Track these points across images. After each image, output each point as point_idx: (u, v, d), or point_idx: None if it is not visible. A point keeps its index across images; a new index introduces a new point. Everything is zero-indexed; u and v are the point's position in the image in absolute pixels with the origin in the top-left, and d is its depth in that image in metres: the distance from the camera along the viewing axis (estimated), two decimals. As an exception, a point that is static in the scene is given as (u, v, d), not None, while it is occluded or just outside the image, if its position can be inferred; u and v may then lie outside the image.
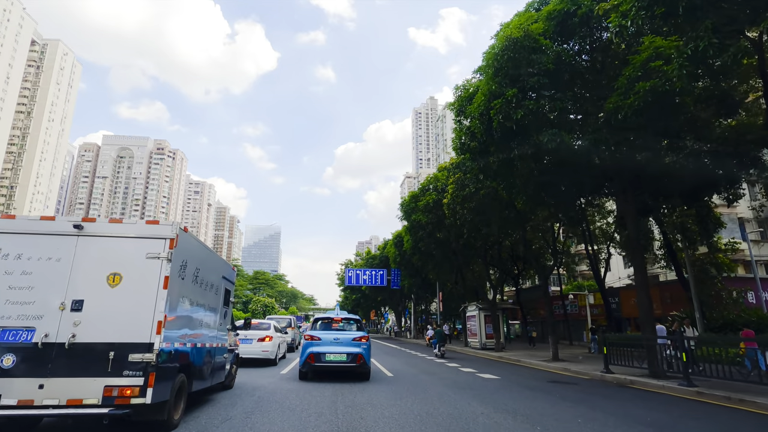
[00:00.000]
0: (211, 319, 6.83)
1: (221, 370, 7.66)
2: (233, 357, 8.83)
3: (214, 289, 6.89)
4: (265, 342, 13.56)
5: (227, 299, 7.87)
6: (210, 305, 6.68)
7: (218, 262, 7.26)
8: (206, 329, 6.53)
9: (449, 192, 18.43)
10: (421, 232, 24.10)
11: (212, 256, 6.89)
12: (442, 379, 11.47)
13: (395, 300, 59.99)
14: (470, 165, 14.67)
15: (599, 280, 27.97)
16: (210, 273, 6.63)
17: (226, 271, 7.72)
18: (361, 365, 10.14)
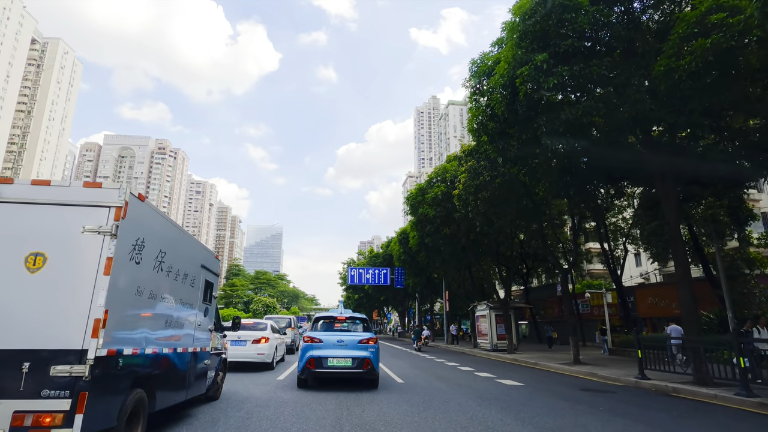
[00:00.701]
0: (187, 318, 5.51)
1: (201, 379, 6.33)
2: (219, 363, 7.50)
3: (190, 280, 5.56)
4: (261, 344, 12.28)
5: (209, 294, 6.53)
6: (184, 300, 5.36)
7: (195, 248, 5.92)
8: (178, 330, 5.21)
9: (461, 182, 17.06)
10: (428, 227, 22.69)
11: (186, 239, 5.56)
12: (460, 386, 10.12)
13: (399, 299, 58.63)
14: (488, 149, 13.31)
15: (616, 278, 26.54)
16: (183, 260, 5.31)
17: (206, 260, 6.37)
18: (368, 371, 8.81)
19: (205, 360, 6.42)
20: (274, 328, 14.10)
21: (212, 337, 6.94)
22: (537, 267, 38.30)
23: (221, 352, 7.80)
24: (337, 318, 9.84)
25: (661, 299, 27.57)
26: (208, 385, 6.85)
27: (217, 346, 7.42)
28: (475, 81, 12.47)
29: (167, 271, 4.75)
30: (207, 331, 6.51)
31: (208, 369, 6.66)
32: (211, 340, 6.86)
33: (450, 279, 36.26)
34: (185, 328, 5.44)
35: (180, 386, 5.33)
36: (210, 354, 6.76)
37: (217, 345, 7.50)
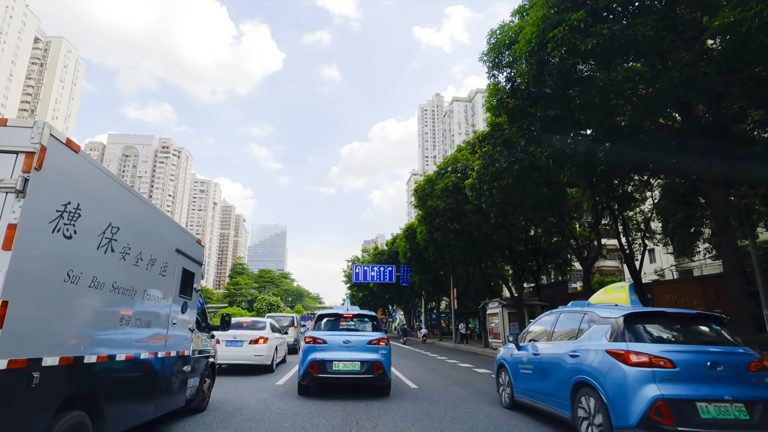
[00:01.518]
0: (155, 314, 4.39)
1: (179, 389, 5.21)
2: (205, 368, 6.36)
3: (159, 267, 4.43)
4: (259, 344, 11.18)
5: (189, 285, 5.38)
6: (150, 292, 4.24)
7: (167, 227, 4.76)
8: (142, 330, 4.09)
9: (474, 169, 15.86)
10: (437, 220, 21.50)
11: (154, 216, 4.41)
12: (479, 391, 8.96)
13: (404, 297, 57.53)
14: (507, 130, 12.10)
15: (635, 274, 25.24)
16: (149, 241, 4.19)
17: (184, 243, 5.20)
18: (379, 376, 7.66)
19: (185, 366, 5.28)
20: (274, 326, 13.00)
21: (194, 338, 5.80)
22: (548, 263, 37.05)
23: (208, 355, 6.65)
24: (343, 316, 8.66)
25: (682, 296, 26.24)
26: (190, 395, 5.73)
27: (202, 349, 6.29)
28: (493, 55, 11.25)
29: (122, 253, 3.61)
30: (186, 331, 5.34)
31: (189, 376, 5.50)
32: (193, 342, 5.71)
33: (458, 276, 35.07)
34: (153, 327, 4.30)
35: (145, 401, 4.21)
36: (191, 358, 5.61)
37: (202, 347, 6.34)
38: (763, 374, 4.39)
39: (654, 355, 4.33)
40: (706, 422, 4.02)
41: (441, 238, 23.36)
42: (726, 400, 4.13)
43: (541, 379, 5.81)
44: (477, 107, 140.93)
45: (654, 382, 4.19)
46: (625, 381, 4.29)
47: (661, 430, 4.01)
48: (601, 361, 4.63)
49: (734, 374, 4.33)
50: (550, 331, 6.11)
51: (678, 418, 4.01)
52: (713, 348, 4.52)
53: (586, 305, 5.97)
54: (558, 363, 5.40)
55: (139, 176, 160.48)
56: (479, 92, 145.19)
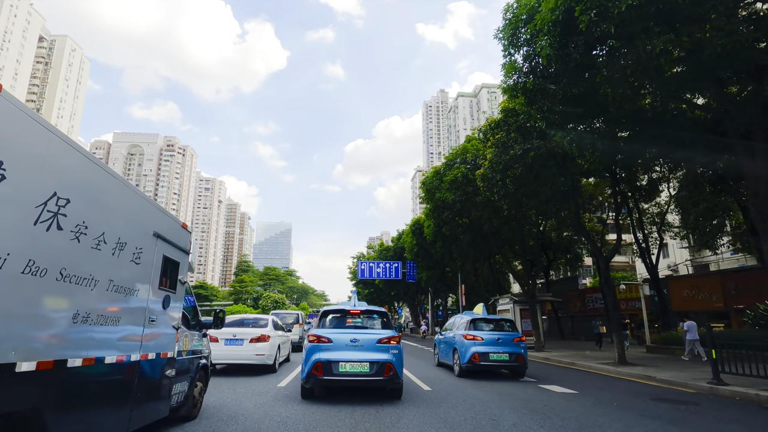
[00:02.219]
0: (126, 309, 3.67)
1: (162, 396, 4.51)
2: (195, 371, 5.64)
3: (130, 253, 3.69)
4: (260, 343, 10.57)
5: (171, 276, 4.65)
6: (118, 282, 3.51)
7: (139, 204, 3.99)
8: (107, 328, 3.37)
9: (487, 158, 15.03)
10: (446, 213, 20.67)
11: (120, 188, 3.64)
12: (501, 395, 8.20)
13: (410, 294, 56.87)
14: (522, 116, 11.29)
15: (651, 269, 24.33)
16: (114, 219, 3.47)
17: (164, 227, 4.45)
18: (390, 378, 6.98)
19: (168, 370, 4.57)
20: (276, 324, 12.33)
21: (181, 337, 5.10)
22: (558, 259, 36.13)
23: (200, 356, 5.92)
24: (350, 312, 7.95)
25: (699, 291, 25.24)
26: (177, 402, 5.02)
27: (191, 349, 5.58)
28: (509, 31, 10.41)
29: (75, 233, 2.88)
30: (170, 329, 4.62)
31: (175, 381, 4.80)
32: (180, 342, 5.01)
33: (466, 272, 34.30)
34: (122, 324, 3.58)
35: (113, 413, 3.49)
36: (177, 361, 4.91)
37: (193, 347, 5.61)
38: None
39: (475, 335, 10.83)
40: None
41: (449, 232, 22.55)
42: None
43: (444, 350, 12.64)
44: (482, 102, 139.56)
45: (474, 345, 10.66)
46: (465, 345, 10.81)
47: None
48: (460, 337, 11.18)
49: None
50: (450, 325, 13.22)
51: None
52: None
53: (466, 314, 12.88)
54: (449, 341, 12.22)
55: (144, 174, 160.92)
56: (485, 87, 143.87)
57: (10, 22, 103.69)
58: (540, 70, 9.72)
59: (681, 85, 8.78)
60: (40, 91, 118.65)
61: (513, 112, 14.23)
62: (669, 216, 25.65)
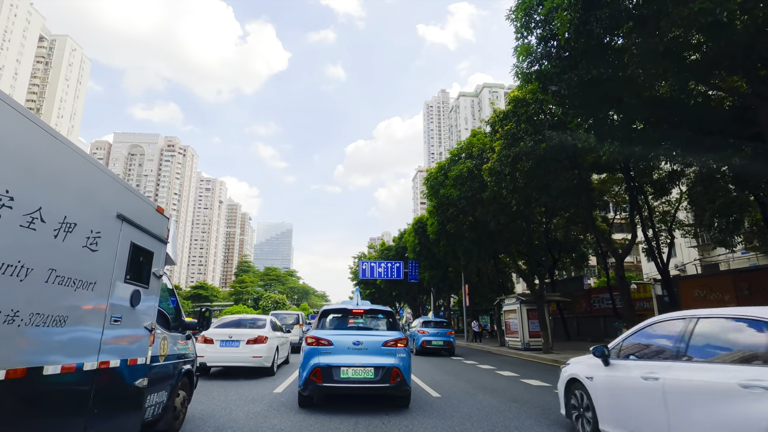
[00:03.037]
0: (75, 306, 2.98)
1: (130, 409, 3.80)
2: (177, 378, 4.93)
3: (82, 235, 3.01)
4: (258, 345, 10.01)
5: (141, 267, 3.93)
6: (64, 273, 2.82)
7: (95, 178, 3.24)
8: (49, 329, 2.68)
9: (495, 150, 14.34)
10: (451, 210, 19.97)
11: (65, 154, 2.88)
12: (517, 402, 7.51)
13: (412, 294, 56.16)
14: (535, 103, 10.62)
15: (662, 268, 23.59)
16: (57, 192, 2.76)
17: (131, 207, 3.72)
18: (397, 385, 6.27)
19: (138, 379, 3.85)
20: (275, 325, 11.81)
21: (158, 339, 4.42)
22: (563, 258, 35.38)
23: (183, 361, 5.22)
24: (353, 311, 7.24)
25: (711, 291, 24.42)
26: (154, 415, 4.35)
27: (172, 353, 4.86)
28: (522, 11, 9.72)
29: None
30: (140, 330, 3.91)
31: (149, 392, 4.11)
32: (154, 346, 4.28)
33: (470, 271, 33.58)
34: (70, 325, 2.89)
35: None
36: (153, 367, 4.23)
37: (174, 351, 4.92)
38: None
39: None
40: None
41: (454, 230, 21.84)
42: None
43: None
44: (484, 102, 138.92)
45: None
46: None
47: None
48: None
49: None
50: None
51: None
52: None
53: None
54: None
55: (145, 174, 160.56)
56: (486, 87, 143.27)
57: (10, 22, 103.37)
58: (556, 51, 9.04)
59: (714, 64, 8.08)
60: (41, 91, 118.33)
61: (523, 102, 13.56)
62: (679, 213, 24.93)
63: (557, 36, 8.80)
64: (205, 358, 9.67)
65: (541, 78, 9.80)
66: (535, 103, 12.79)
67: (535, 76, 9.88)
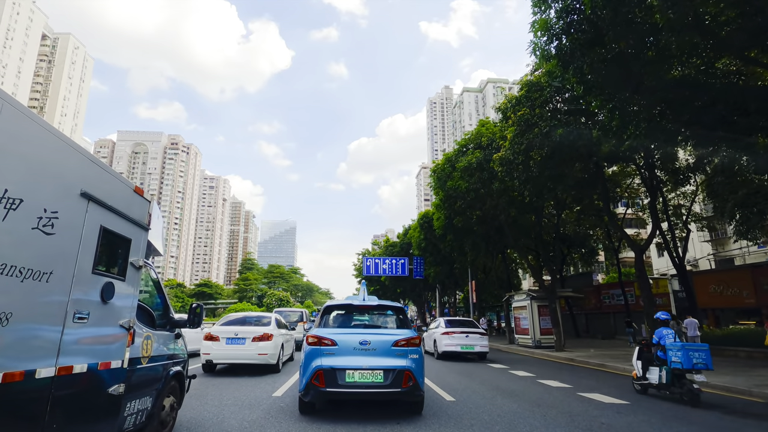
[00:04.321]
0: (26, 301, 2.43)
1: (105, 420, 3.26)
2: (164, 382, 4.37)
3: (31, 215, 2.45)
4: (263, 342, 10.03)
5: (115, 256, 3.38)
6: (6, 259, 2.27)
7: (46, 144, 2.62)
8: None
9: (507, 138, 13.60)
10: (459, 203, 19.21)
11: (11, 114, 2.27)
12: (540, 407, 6.83)
13: (417, 291, 55.48)
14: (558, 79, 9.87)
15: (678, 263, 22.78)
16: None
17: (101, 185, 3.14)
18: (409, 390, 5.58)
19: (114, 385, 3.30)
20: (279, 322, 11.75)
21: (139, 339, 3.82)
22: (573, 253, 34.56)
23: (172, 362, 4.63)
24: (359, 308, 6.57)
25: (728, 287, 23.65)
26: (136, 424, 3.81)
27: (158, 354, 4.28)
28: (540, -17, 9.00)
29: None
30: (116, 329, 3.36)
31: (127, 399, 3.57)
32: (136, 346, 3.74)
33: (477, 267, 32.86)
34: (16, 323, 2.37)
35: None
36: (134, 371, 3.71)
37: (160, 352, 4.34)
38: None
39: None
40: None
41: (462, 224, 21.11)
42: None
43: None
44: (488, 98, 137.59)
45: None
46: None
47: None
48: None
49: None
50: None
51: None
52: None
53: None
54: None
55: (148, 173, 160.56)
56: (490, 82, 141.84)
57: (13, 20, 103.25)
58: (578, 24, 8.30)
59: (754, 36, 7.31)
60: (44, 90, 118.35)
61: (537, 86, 12.81)
62: (694, 206, 24.07)
63: (580, 7, 8.07)
64: (211, 355, 9.78)
65: (560, 55, 9.07)
66: (551, 86, 12.04)
67: (555, 52, 9.15)
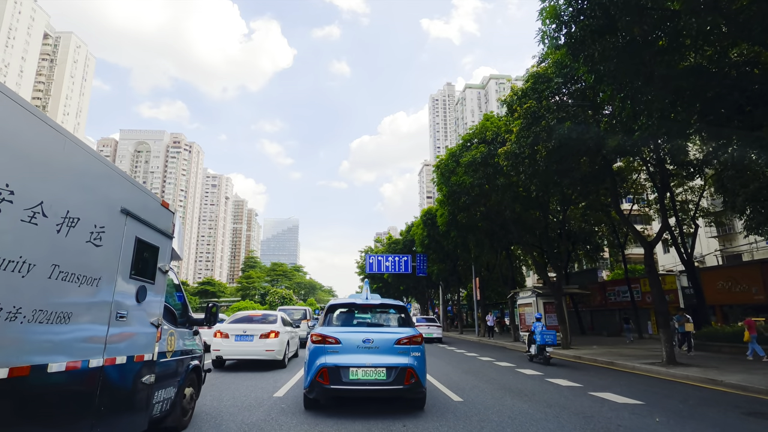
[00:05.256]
0: (82, 303, 2.88)
1: (137, 407, 3.66)
2: (185, 374, 4.78)
3: (86, 230, 2.90)
4: (270, 339, 10.49)
5: (147, 263, 3.78)
6: (68, 268, 2.72)
7: (98, 171, 3.09)
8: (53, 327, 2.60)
9: (513, 131, 13.27)
10: (463, 199, 18.89)
11: (65, 146, 2.71)
12: (550, 406, 6.56)
13: (420, 289, 55.27)
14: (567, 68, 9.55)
15: (687, 259, 22.45)
16: (59, 186, 2.66)
17: (135, 202, 3.58)
18: (411, 387, 5.67)
19: (146, 375, 3.71)
20: (285, 320, 12.12)
21: (164, 335, 4.20)
22: (577, 249, 34.20)
23: (190, 357, 5.02)
24: (362, 306, 6.70)
25: (737, 283, 23.32)
26: (161, 411, 4.18)
27: (178, 349, 4.66)
28: (548, -33, 8.67)
29: None
30: (147, 327, 3.76)
31: (155, 388, 3.94)
32: (162, 341, 4.08)
33: (480, 264, 32.57)
34: (75, 322, 2.80)
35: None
36: (160, 363, 4.04)
37: (181, 347, 4.73)
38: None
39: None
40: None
41: (466, 220, 20.81)
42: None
43: None
44: (490, 94, 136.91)
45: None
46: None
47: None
48: None
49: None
50: None
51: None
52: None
53: None
54: None
55: (151, 171, 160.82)
56: (493, 78, 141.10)
57: (14, 19, 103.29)
58: (588, 10, 7.98)
59: None
60: (46, 89, 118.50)
61: (543, 78, 12.47)
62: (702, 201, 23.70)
63: (591, -9, 7.74)
64: (221, 351, 10.17)
65: (570, 43, 8.75)
66: (558, 78, 11.70)
67: (565, 41, 8.82)
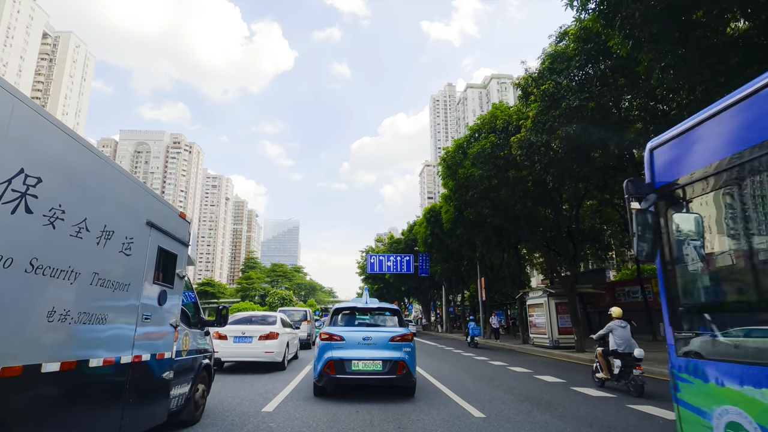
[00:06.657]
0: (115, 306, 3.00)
1: (158, 401, 3.81)
2: (197, 372, 5.01)
3: (119, 241, 3.02)
4: (270, 341, 10.34)
5: (167, 269, 3.95)
6: (105, 275, 2.85)
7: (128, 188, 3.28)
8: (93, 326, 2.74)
9: (529, 116, 12.24)
10: (471, 193, 17.78)
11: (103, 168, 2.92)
12: (591, 425, 5.52)
13: (422, 289, 54.19)
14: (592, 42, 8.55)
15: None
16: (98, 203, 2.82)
17: (158, 214, 3.79)
18: (403, 377, 6.93)
19: (166, 372, 3.94)
20: (285, 321, 11.96)
21: (180, 336, 4.39)
22: (585, 248, 33.11)
23: (203, 355, 5.31)
24: (362, 309, 7.93)
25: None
26: (177, 406, 4.40)
27: (192, 349, 4.89)
28: None
29: (49, 218, 2.30)
30: (167, 327, 3.99)
31: (173, 384, 4.17)
32: (179, 341, 4.30)
33: (486, 263, 31.50)
34: (110, 323, 2.93)
35: (100, 422, 2.92)
36: (177, 361, 4.25)
37: (193, 347, 4.96)
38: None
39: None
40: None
41: (473, 216, 19.76)
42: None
43: None
44: (492, 93, 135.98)
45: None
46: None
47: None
48: None
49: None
50: None
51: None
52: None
53: None
54: None
55: (151, 172, 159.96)
56: (494, 78, 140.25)
57: (13, 18, 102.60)
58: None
59: None
60: (45, 88, 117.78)
61: (562, 57, 11.45)
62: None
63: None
64: (220, 353, 9.87)
65: (602, 8, 7.72)
66: (581, 53, 10.67)
67: (595, 5, 7.80)
